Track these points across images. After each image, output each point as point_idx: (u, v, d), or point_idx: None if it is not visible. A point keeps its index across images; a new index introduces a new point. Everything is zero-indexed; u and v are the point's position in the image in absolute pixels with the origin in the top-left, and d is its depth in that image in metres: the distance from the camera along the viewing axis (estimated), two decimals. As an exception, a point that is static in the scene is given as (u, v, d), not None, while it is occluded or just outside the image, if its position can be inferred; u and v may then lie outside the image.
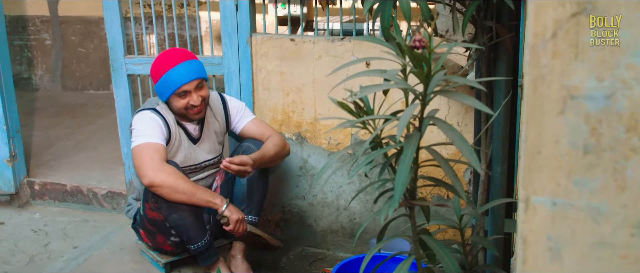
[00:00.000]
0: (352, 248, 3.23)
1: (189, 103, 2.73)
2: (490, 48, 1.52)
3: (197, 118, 2.82)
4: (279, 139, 2.90)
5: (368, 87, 1.11)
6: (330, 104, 3.06)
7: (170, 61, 2.71)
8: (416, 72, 1.06)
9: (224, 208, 2.66)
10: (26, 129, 4.88)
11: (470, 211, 1.42)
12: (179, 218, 2.69)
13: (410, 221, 1.25)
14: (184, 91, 2.70)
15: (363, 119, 1.19)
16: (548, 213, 1.03)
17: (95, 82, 6.39)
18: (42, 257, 3.20)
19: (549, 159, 1.02)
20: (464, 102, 1.05)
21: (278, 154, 2.88)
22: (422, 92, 1.10)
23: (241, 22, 3.12)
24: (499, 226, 1.60)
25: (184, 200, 2.62)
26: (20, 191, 3.87)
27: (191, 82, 2.69)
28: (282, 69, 3.12)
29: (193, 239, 2.74)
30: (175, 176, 2.61)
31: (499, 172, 1.59)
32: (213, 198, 2.68)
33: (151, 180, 2.58)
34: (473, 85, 1.08)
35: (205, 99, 2.78)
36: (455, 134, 1.04)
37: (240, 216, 2.70)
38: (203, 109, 2.79)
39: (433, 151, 1.15)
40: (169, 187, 2.58)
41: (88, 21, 6.21)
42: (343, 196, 3.18)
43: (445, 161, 1.11)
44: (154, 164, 2.59)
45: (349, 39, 2.97)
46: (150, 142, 2.66)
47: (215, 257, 2.84)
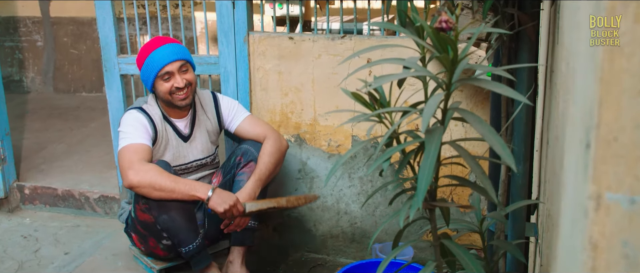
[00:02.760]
0: (353, 254, 3.14)
1: (173, 86, 2.65)
2: (511, 37, 1.42)
3: (183, 104, 2.71)
4: (274, 142, 2.78)
5: (384, 77, 1.01)
6: (330, 105, 2.97)
7: (152, 45, 2.68)
8: (441, 57, 0.96)
9: (209, 196, 2.55)
10: (17, 132, 4.78)
11: (496, 215, 1.32)
12: (169, 220, 2.59)
13: (430, 224, 1.15)
14: (166, 72, 2.63)
15: (379, 111, 1.08)
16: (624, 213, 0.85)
17: (88, 84, 6.28)
18: (32, 263, 3.09)
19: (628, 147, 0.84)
20: (497, 90, 0.95)
21: (277, 163, 2.78)
22: (445, 81, 1.00)
23: (238, 19, 3.02)
24: (520, 230, 1.50)
25: (165, 197, 2.53)
26: (9, 195, 3.76)
27: (174, 62, 2.63)
28: (280, 69, 3.02)
29: (184, 242, 2.63)
30: (153, 173, 2.51)
31: (521, 171, 1.49)
32: (195, 190, 2.55)
33: (129, 181, 2.51)
34: (500, 74, 0.98)
35: (191, 84, 2.70)
36: (485, 127, 0.94)
37: (230, 202, 2.55)
38: (190, 95, 2.71)
39: (458, 146, 1.05)
40: (147, 185, 2.50)
41: (80, 22, 6.10)
42: (343, 200, 3.08)
43: (473, 159, 1.01)
44: (132, 165, 2.53)
45: (349, 37, 2.88)
46: (131, 143, 2.60)
47: (208, 261, 2.73)
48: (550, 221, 1.22)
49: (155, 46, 2.66)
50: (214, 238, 2.91)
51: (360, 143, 1.25)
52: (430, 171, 0.92)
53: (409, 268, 2.40)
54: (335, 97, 2.95)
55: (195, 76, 2.75)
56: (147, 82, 2.70)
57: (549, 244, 1.24)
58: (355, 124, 2.95)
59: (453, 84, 0.99)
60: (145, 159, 2.57)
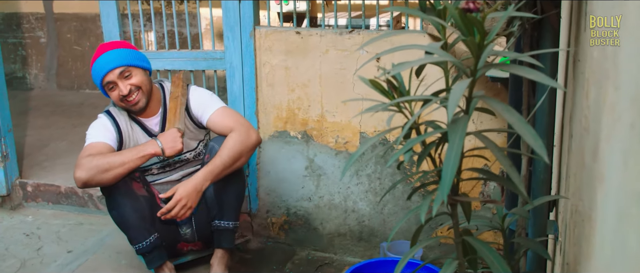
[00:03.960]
0: (360, 253, 3.08)
1: (120, 95, 2.57)
2: (533, 26, 1.36)
3: (137, 109, 2.63)
4: (238, 135, 2.57)
5: (404, 63, 0.95)
6: (338, 101, 2.91)
7: (96, 54, 2.60)
8: (467, 40, 0.90)
9: (161, 146, 2.51)
10: (19, 129, 4.73)
11: (519, 211, 1.26)
12: (118, 215, 2.56)
13: (452, 220, 1.09)
14: (108, 81, 2.56)
15: (398, 100, 1.03)
16: None
17: (92, 81, 6.21)
18: (34, 261, 3.04)
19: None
20: (529, 76, 0.89)
21: (237, 157, 2.57)
22: (470, 67, 0.94)
23: (244, 14, 2.96)
24: (542, 227, 1.44)
25: (121, 173, 2.46)
26: (12, 192, 3.71)
27: (112, 71, 2.54)
28: (287, 64, 2.97)
29: (135, 239, 2.58)
30: (96, 159, 2.45)
31: (542, 166, 1.43)
32: (144, 150, 2.51)
33: (77, 179, 2.45)
34: (526, 60, 0.93)
35: (140, 87, 2.60)
36: (514, 115, 0.88)
37: (177, 136, 2.55)
38: (141, 98, 2.62)
39: (484, 137, 0.99)
40: (96, 172, 2.43)
41: (84, 18, 6.04)
42: (351, 198, 3.02)
43: (500, 151, 0.95)
44: (78, 163, 2.46)
45: (358, 31, 2.82)
46: (86, 145, 2.56)
47: (161, 260, 2.66)
48: (579, 217, 1.16)
49: (96, 56, 2.59)
50: (206, 240, 2.83)
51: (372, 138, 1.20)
52: (455, 162, 0.86)
53: (423, 269, 2.34)
54: (343, 94, 2.89)
55: (144, 78, 2.63)
56: (101, 91, 2.65)
57: (576, 241, 1.18)
58: (364, 120, 2.89)
59: (478, 71, 0.93)
60: (95, 155, 2.49)
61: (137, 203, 2.56)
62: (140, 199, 2.58)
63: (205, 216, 2.70)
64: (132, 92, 2.58)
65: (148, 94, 2.65)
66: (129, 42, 2.69)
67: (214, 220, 2.66)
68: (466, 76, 0.97)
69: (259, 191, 3.19)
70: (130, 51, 2.61)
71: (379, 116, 2.87)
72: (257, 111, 3.07)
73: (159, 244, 2.62)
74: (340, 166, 3.00)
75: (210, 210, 2.67)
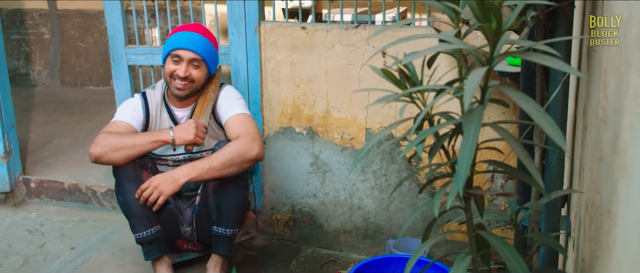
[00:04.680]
0: (366, 250, 3.06)
1: (175, 72, 2.60)
2: (547, 16, 1.33)
3: (177, 94, 2.65)
4: (239, 144, 2.48)
5: (416, 52, 0.92)
6: (343, 97, 2.88)
7: (184, 27, 2.67)
8: (484, 27, 0.87)
9: (172, 136, 2.52)
10: (23, 125, 4.72)
11: (534, 205, 1.23)
12: (124, 202, 2.55)
13: (466, 214, 1.06)
14: (177, 54, 2.59)
15: (411, 90, 0.99)
16: None
17: (95, 78, 6.21)
18: (37, 258, 3.02)
19: None
20: (546, 64, 0.86)
21: (228, 165, 2.46)
22: (487, 55, 0.91)
23: (249, 8, 2.94)
24: (554, 222, 1.41)
25: (131, 155, 2.50)
26: (15, 189, 3.69)
27: (187, 50, 2.58)
28: (292, 59, 2.94)
29: (135, 226, 2.57)
30: (111, 137, 2.51)
31: (555, 159, 1.39)
32: (157, 136, 2.53)
33: (90, 153, 2.50)
34: (542, 48, 0.90)
35: (193, 81, 2.63)
36: (532, 104, 0.85)
37: (192, 126, 2.53)
38: (187, 90, 2.64)
39: (500, 128, 0.96)
40: (109, 150, 2.48)
41: (88, 14, 6.02)
42: (357, 195, 2.99)
43: (517, 142, 0.92)
44: (95, 141, 2.52)
45: (364, 26, 2.79)
46: (110, 122, 2.63)
47: (159, 253, 2.63)
48: (596, 212, 1.13)
49: (184, 29, 2.65)
50: (206, 242, 2.78)
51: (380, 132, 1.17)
52: (471, 154, 0.83)
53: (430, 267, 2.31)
54: (348, 89, 2.86)
55: (204, 77, 2.66)
56: (162, 56, 2.68)
57: (593, 236, 1.15)
58: (369, 117, 2.87)
59: (495, 59, 0.90)
60: (114, 133, 2.55)
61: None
62: None
63: (206, 218, 2.67)
64: (186, 80, 2.61)
65: (195, 91, 2.68)
66: (216, 40, 2.75)
67: (213, 225, 2.63)
68: (482, 64, 0.94)
69: (264, 187, 3.16)
70: (212, 49, 2.68)
71: (385, 112, 2.84)
72: (262, 107, 3.04)
73: (159, 236, 2.60)
74: (346, 163, 2.97)
75: (211, 214, 2.64)
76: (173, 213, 2.72)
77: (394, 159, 2.88)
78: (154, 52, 3.17)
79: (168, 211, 2.69)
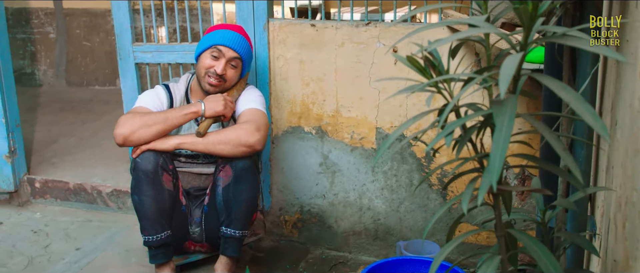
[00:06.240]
0: (376, 251, 3.00)
1: (213, 68, 2.60)
2: (575, 5, 1.28)
3: (206, 89, 2.63)
4: (240, 129, 2.49)
5: (441, 39, 0.86)
6: (353, 96, 2.83)
7: (226, 25, 2.68)
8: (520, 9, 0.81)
9: (203, 108, 2.52)
10: (28, 125, 4.68)
11: (565, 202, 1.17)
12: (138, 202, 2.51)
13: (494, 211, 1.01)
14: (218, 50, 2.59)
15: (436, 79, 0.94)
16: None
17: (101, 77, 6.17)
18: (41, 259, 2.97)
19: None
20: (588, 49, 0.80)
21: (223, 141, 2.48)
22: (520, 41, 0.85)
23: (258, 6, 2.89)
24: (583, 221, 1.35)
25: (163, 129, 2.48)
26: (20, 189, 3.65)
27: (230, 49, 2.60)
28: (301, 57, 2.89)
29: (146, 229, 2.54)
30: (139, 115, 2.50)
31: (583, 156, 1.34)
32: (187, 108, 2.54)
33: (116, 134, 2.47)
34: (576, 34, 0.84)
35: (226, 81, 2.63)
36: (571, 93, 0.79)
37: (220, 99, 2.55)
38: (219, 86, 2.62)
39: (534, 120, 0.91)
40: (138, 127, 2.46)
41: (94, 14, 5.98)
42: (366, 195, 2.94)
43: (553, 134, 0.86)
44: (119, 121, 2.50)
45: (374, 24, 2.74)
46: (132, 108, 2.60)
47: (164, 259, 2.60)
48: (631, 210, 1.07)
49: (227, 27, 2.66)
50: (214, 243, 2.74)
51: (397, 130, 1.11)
52: (505, 146, 0.77)
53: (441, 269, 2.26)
54: (359, 88, 2.81)
55: (236, 78, 2.67)
56: (198, 49, 2.66)
57: (628, 236, 1.09)
58: (380, 116, 2.81)
59: (529, 45, 0.85)
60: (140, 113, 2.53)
61: (160, 196, 2.50)
62: (165, 193, 2.52)
63: (215, 219, 2.63)
64: (220, 77, 2.60)
65: (224, 90, 2.66)
66: (252, 45, 2.77)
67: (222, 226, 2.58)
68: (515, 50, 0.88)
69: (272, 188, 3.11)
70: (251, 53, 2.71)
71: (395, 112, 2.78)
72: (271, 106, 2.99)
73: (168, 242, 2.56)
74: (356, 163, 2.91)
75: (219, 214, 2.59)
76: (185, 215, 2.68)
77: (405, 159, 2.83)
78: (162, 50, 3.13)
79: (180, 214, 2.65)
